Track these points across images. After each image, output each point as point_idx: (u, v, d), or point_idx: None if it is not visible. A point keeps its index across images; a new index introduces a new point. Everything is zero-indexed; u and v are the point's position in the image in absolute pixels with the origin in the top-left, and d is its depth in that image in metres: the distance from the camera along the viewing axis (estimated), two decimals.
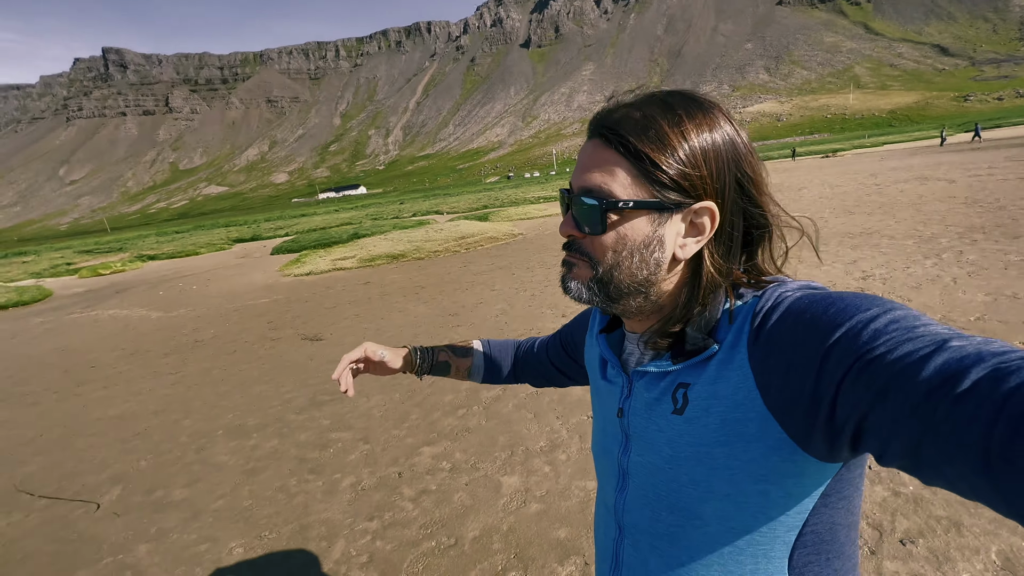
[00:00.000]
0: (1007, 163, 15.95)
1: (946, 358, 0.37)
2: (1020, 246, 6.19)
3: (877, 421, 0.40)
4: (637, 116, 0.54)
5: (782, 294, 0.53)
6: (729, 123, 0.56)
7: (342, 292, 9.39)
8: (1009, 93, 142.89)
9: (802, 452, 0.49)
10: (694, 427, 0.56)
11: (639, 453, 0.63)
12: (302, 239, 20.81)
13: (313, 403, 4.31)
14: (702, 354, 0.55)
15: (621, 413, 0.67)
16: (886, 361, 0.40)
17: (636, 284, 0.58)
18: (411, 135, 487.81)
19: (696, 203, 0.54)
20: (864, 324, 0.43)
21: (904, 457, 0.39)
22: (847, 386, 0.42)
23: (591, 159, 0.57)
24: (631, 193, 0.55)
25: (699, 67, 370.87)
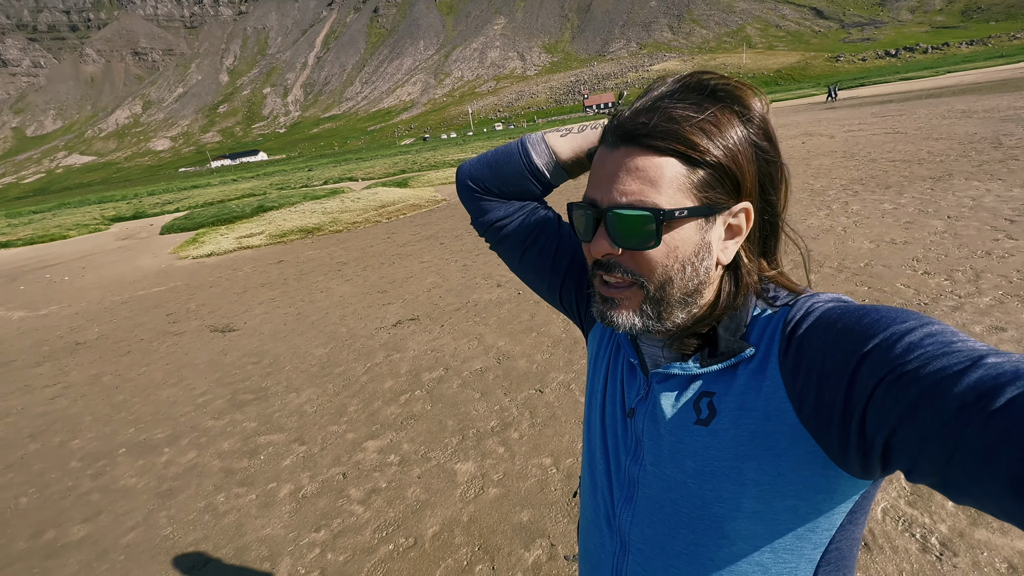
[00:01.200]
0: (873, 119, 18.00)
1: (981, 375, 0.36)
2: (891, 195, 7.02)
3: (907, 436, 0.39)
4: (669, 117, 0.50)
5: (814, 304, 0.52)
6: (759, 102, 0.53)
7: (252, 274, 8.53)
8: (871, 55, 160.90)
9: (835, 467, 0.47)
10: (721, 440, 0.53)
11: (654, 464, 0.59)
12: (197, 215, 18.56)
13: (233, 404, 3.89)
14: (735, 357, 0.53)
15: (632, 414, 0.62)
16: (919, 375, 0.39)
17: (686, 296, 0.55)
18: (313, 94, 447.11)
19: (736, 204, 0.52)
20: (899, 336, 0.42)
21: (933, 475, 0.39)
22: (878, 398, 0.41)
23: (624, 168, 0.52)
24: (678, 200, 0.51)
25: (608, 24, 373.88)
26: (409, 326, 4.98)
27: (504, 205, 0.79)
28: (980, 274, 4.08)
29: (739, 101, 0.52)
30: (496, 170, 0.77)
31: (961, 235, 5.03)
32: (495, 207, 0.79)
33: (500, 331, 4.50)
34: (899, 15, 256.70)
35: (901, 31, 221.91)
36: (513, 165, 0.75)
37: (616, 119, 0.54)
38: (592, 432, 0.71)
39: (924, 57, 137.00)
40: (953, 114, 15.67)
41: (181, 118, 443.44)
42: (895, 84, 46.07)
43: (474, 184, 0.78)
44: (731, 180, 0.51)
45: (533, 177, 0.75)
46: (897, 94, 31.22)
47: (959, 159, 8.72)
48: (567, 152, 0.74)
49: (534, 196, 0.79)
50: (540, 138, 0.75)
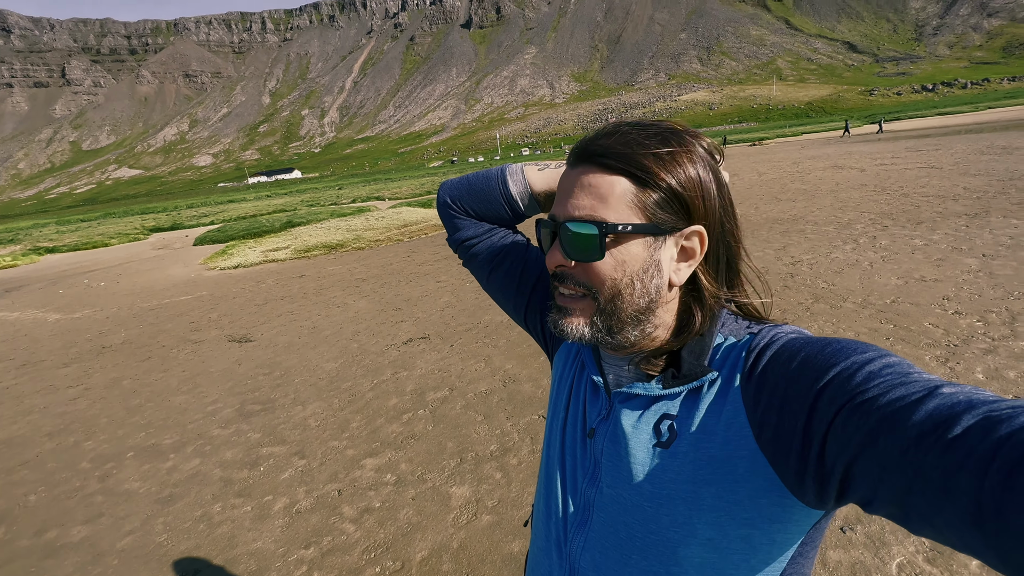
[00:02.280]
0: (907, 153, 17.59)
1: (937, 403, 0.37)
2: (923, 231, 6.78)
3: (866, 464, 0.39)
4: (626, 141, 0.53)
5: (778, 333, 0.53)
6: (710, 154, 0.55)
7: (274, 287, 8.75)
8: (906, 89, 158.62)
9: (791, 496, 0.47)
10: (680, 463, 0.52)
11: (611, 486, 0.58)
12: (229, 228, 19.28)
13: (241, 414, 3.94)
14: (698, 380, 0.53)
15: (592, 434, 0.61)
16: (877, 404, 0.40)
17: (637, 313, 0.56)
18: (348, 116, 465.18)
19: (688, 226, 0.54)
20: (859, 366, 0.43)
21: (892, 504, 0.39)
22: (838, 426, 0.41)
23: (578, 185, 0.55)
24: (626, 217, 0.53)
25: (637, 55, 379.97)
26: (419, 344, 4.99)
27: (476, 225, 0.81)
28: (1016, 316, 3.86)
29: (694, 138, 0.55)
30: (474, 192, 0.79)
31: (997, 275, 4.80)
32: (467, 226, 0.81)
33: (508, 354, 4.46)
34: (936, 50, 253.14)
35: (938, 66, 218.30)
36: (490, 190, 0.77)
37: (580, 142, 0.58)
38: (551, 455, 0.70)
39: (963, 92, 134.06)
40: (993, 150, 15.17)
41: (224, 136, 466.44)
42: (932, 119, 45.11)
43: (451, 202, 0.81)
44: (680, 203, 0.53)
45: (507, 204, 0.77)
46: (934, 128, 30.51)
47: (997, 196, 8.39)
48: (541, 185, 0.76)
49: (506, 223, 0.81)
50: (519, 169, 0.77)
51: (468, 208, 0.80)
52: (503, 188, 0.76)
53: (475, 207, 0.79)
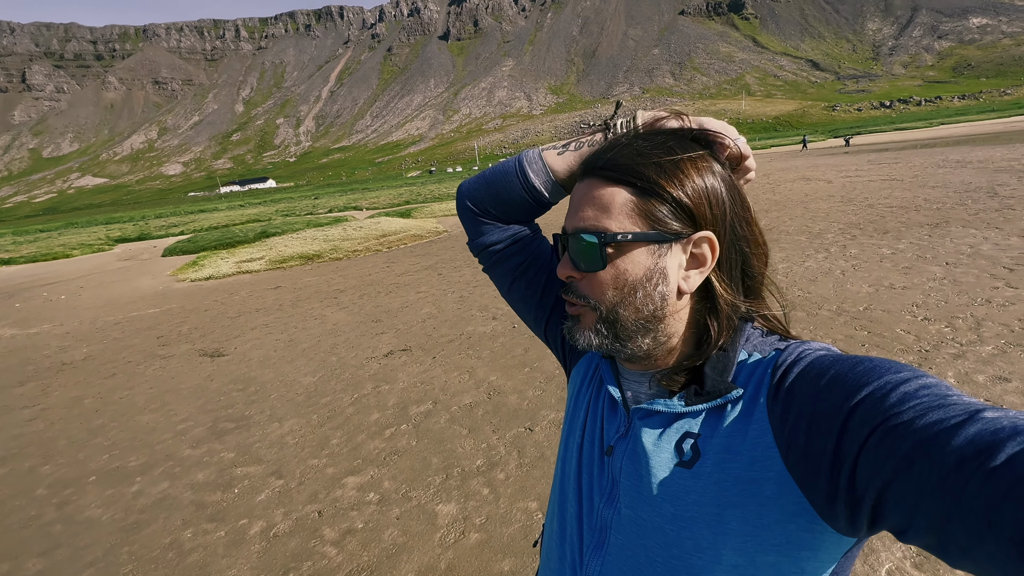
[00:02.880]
0: (870, 166, 18.37)
1: (979, 429, 0.35)
2: (889, 240, 7.05)
3: (901, 491, 0.38)
4: (628, 153, 0.54)
5: (805, 350, 0.51)
6: (718, 163, 0.55)
7: (248, 299, 8.49)
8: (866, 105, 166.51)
9: (821, 522, 0.45)
10: (704, 484, 0.50)
11: (630, 506, 0.55)
12: (200, 238, 18.71)
13: (214, 433, 3.76)
14: (722, 398, 0.51)
15: (611, 452, 0.59)
16: (914, 427, 0.38)
17: (643, 321, 0.55)
18: (325, 126, 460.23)
19: (695, 233, 0.53)
20: (893, 386, 0.41)
21: (929, 534, 0.37)
22: (870, 448, 0.40)
23: (584, 197, 0.56)
24: (628, 226, 0.53)
25: (612, 69, 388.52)
26: (401, 357, 4.89)
27: (500, 230, 0.76)
28: (981, 322, 4.01)
29: (711, 146, 0.55)
30: (495, 191, 0.73)
31: (960, 282, 5.00)
32: (491, 230, 0.76)
33: (492, 365, 4.40)
34: (892, 69, 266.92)
35: (895, 84, 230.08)
36: (511, 187, 0.72)
37: (587, 156, 0.59)
38: (567, 473, 0.67)
39: (918, 109, 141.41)
40: (948, 163, 15.98)
41: (195, 145, 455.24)
42: (890, 134, 47.32)
43: (473, 205, 0.76)
44: (684, 210, 0.52)
45: (532, 198, 0.72)
46: (893, 143, 32.00)
47: (955, 207, 8.81)
48: (564, 170, 0.70)
49: (533, 214, 0.77)
50: (537, 156, 0.71)
51: (490, 209, 0.74)
52: (524, 181, 0.71)
53: (498, 207, 0.74)
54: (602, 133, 0.67)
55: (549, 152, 0.71)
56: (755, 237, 0.56)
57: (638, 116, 0.65)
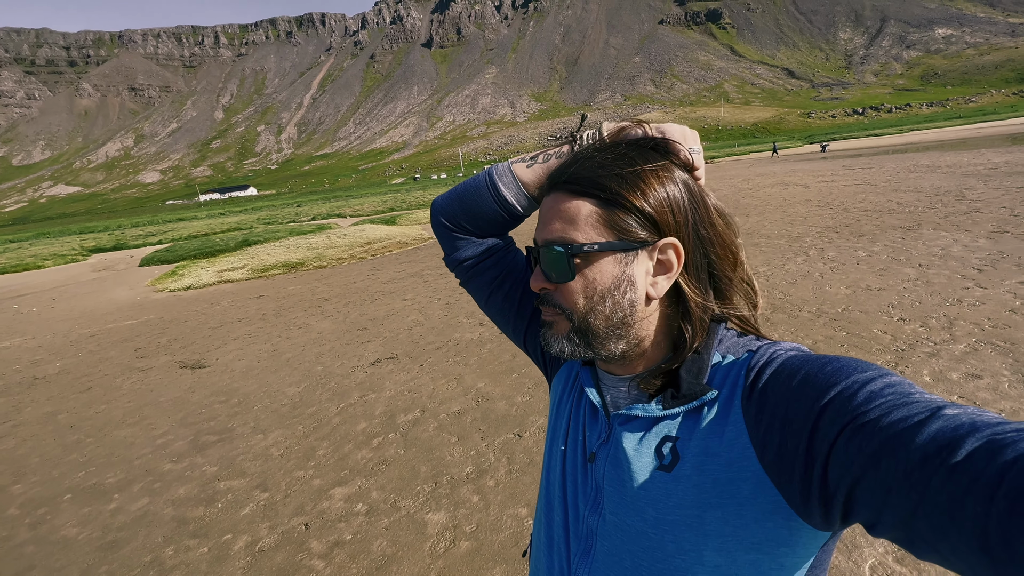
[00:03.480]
0: (844, 171, 18.88)
1: (940, 425, 0.37)
2: (865, 243, 7.25)
3: (869, 487, 0.39)
4: (590, 166, 0.55)
5: (776, 351, 0.52)
6: (680, 169, 0.56)
7: (230, 308, 8.33)
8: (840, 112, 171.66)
9: (797, 519, 0.46)
10: (684, 487, 0.51)
11: (614, 512, 0.56)
12: (180, 247, 18.33)
13: (195, 446, 3.67)
14: (698, 400, 0.52)
15: (593, 459, 0.60)
16: (880, 425, 0.39)
17: (613, 327, 0.56)
18: (307, 133, 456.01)
19: (660, 240, 0.54)
20: (860, 385, 0.43)
21: (897, 528, 0.38)
22: (840, 446, 0.41)
23: (552, 211, 0.58)
24: (594, 236, 0.55)
25: (594, 76, 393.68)
26: (387, 365, 4.84)
27: (475, 244, 0.77)
28: (954, 321, 4.15)
29: (663, 155, 0.56)
30: (467, 206, 0.74)
31: (933, 283, 5.16)
32: (466, 245, 0.77)
33: (480, 371, 4.39)
34: (864, 77, 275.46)
35: (866, 92, 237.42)
36: (483, 200, 0.73)
37: (554, 170, 0.60)
38: (551, 482, 0.68)
39: (888, 116, 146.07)
40: (919, 168, 16.52)
41: (173, 152, 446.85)
42: (863, 140, 48.74)
43: (447, 221, 0.76)
44: (647, 219, 0.54)
45: (504, 211, 0.73)
46: (866, 148, 32.97)
47: (926, 211, 9.10)
48: (534, 182, 0.71)
49: (507, 227, 0.78)
50: (507, 169, 0.72)
51: (464, 224, 0.75)
52: (496, 195, 0.72)
53: (471, 221, 0.75)
54: (569, 145, 0.68)
55: (519, 165, 0.72)
56: (720, 239, 0.57)
57: (603, 128, 0.66)
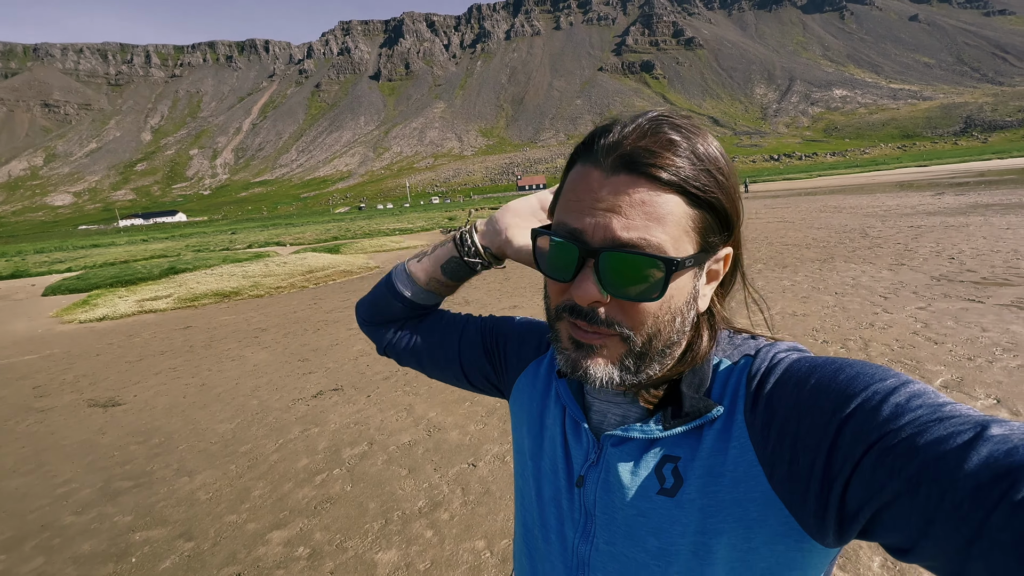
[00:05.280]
0: (766, 210, 20.69)
1: (991, 450, 0.33)
2: (788, 274, 7.90)
3: (903, 514, 0.35)
4: (676, 149, 0.44)
5: (777, 355, 0.48)
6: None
7: (152, 341, 7.62)
8: (759, 157, 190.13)
9: (809, 539, 0.43)
10: (687, 512, 0.46)
11: (609, 542, 0.51)
12: (93, 275, 16.68)
13: (105, 494, 3.25)
14: (702, 417, 0.47)
15: (582, 483, 0.54)
16: (915, 445, 0.35)
17: (667, 348, 0.49)
18: (245, 159, 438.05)
19: (722, 249, 0.49)
20: (883, 396, 0.38)
21: (938, 559, 0.34)
22: (866, 468, 0.37)
23: (623, 198, 0.44)
24: (684, 245, 0.45)
25: (539, 115, 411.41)
26: (331, 397, 4.59)
27: (391, 328, 0.81)
28: (868, 343, 4.57)
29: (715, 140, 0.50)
30: (379, 309, 0.79)
31: (848, 309, 5.69)
32: (384, 332, 0.82)
33: (431, 401, 4.26)
34: (777, 128, 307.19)
35: (780, 141, 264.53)
36: (390, 303, 0.77)
37: (610, 134, 0.46)
38: (527, 507, 0.62)
39: (799, 163, 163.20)
40: (828, 209, 18.42)
41: (90, 173, 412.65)
42: (779, 183, 53.80)
43: (366, 320, 0.82)
44: (726, 224, 0.47)
45: (406, 306, 0.77)
46: (782, 190, 36.38)
47: (837, 245, 10.11)
48: (423, 277, 0.74)
49: (416, 313, 0.80)
50: (403, 268, 0.76)
51: (380, 320, 0.81)
52: (395, 295, 0.76)
53: (384, 317, 0.80)
54: (452, 243, 0.71)
55: (411, 263, 0.76)
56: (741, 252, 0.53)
57: (478, 224, 0.70)
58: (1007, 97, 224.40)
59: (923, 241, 9.64)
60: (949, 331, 4.64)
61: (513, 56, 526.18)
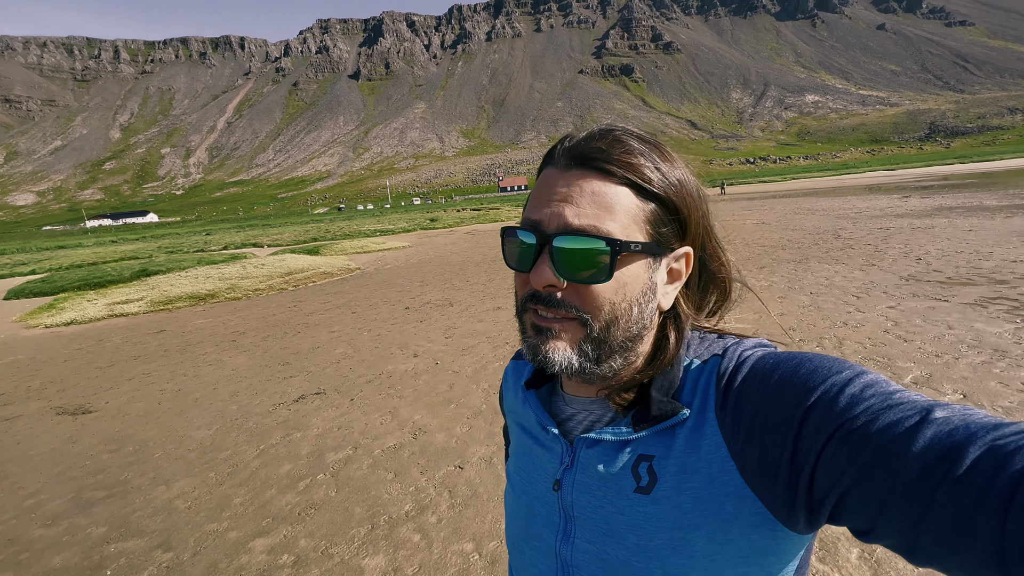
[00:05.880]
0: (743, 211, 21.16)
1: (934, 432, 0.35)
2: (765, 275, 8.09)
3: (862, 497, 0.38)
4: (627, 149, 0.49)
5: (743, 352, 0.50)
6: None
7: (123, 345, 7.37)
8: (735, 160, 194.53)
9: (782, 528, 0.45)
10: (664, 509, 0.48)
11: (589, 540, 0.52)
12: (59, 278, 16.05)
13: (77, 505, 3.13)
14: (670, 420, 0.49)
15: (558, 486, 0.55)
16: (869, 431, 0.38)
17: (628, 340, 0.51)
18: (220, 158, 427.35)
19: (681, 247, 0.51)
20: (839, 388, 0.41)
21: (894, 538, 0.37)
22: (827, 456, 0.39)
23: (577, 190, 0.48)
24: (632, 233, 0.48)
25: (520, 117, 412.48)
26: (313, 401, 4.51)
27: None
28: (843, 341, 4.71)
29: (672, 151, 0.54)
30: None
31: (823, 308, 5.86)
32: None
33: (416, 404, 4.23)
34: (753, 132, 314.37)
35: (756, 144, 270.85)
36: None
37: (567, 140, 0.52)
38: (510, 512, 0.64)
39: (774, 166, 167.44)
40: (802, 211, 18.93)
41: (54, 172, 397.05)
42: (755, 185, 55.08)
43: None
44: (678, 220, 0.50)
45: None
46: (758, 193, 37.26)
47: (812, 247, 10.40)
48: None
49: None
50: None
51: None
52: None
53: None
54: None
55: None
56: (718, 249, 0.55)
57: None
58: (968, 104, 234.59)
59: (892, 242, 9.99)
60: (918, 329, 4.82)
61: (494, 57, 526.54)
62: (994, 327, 4.69)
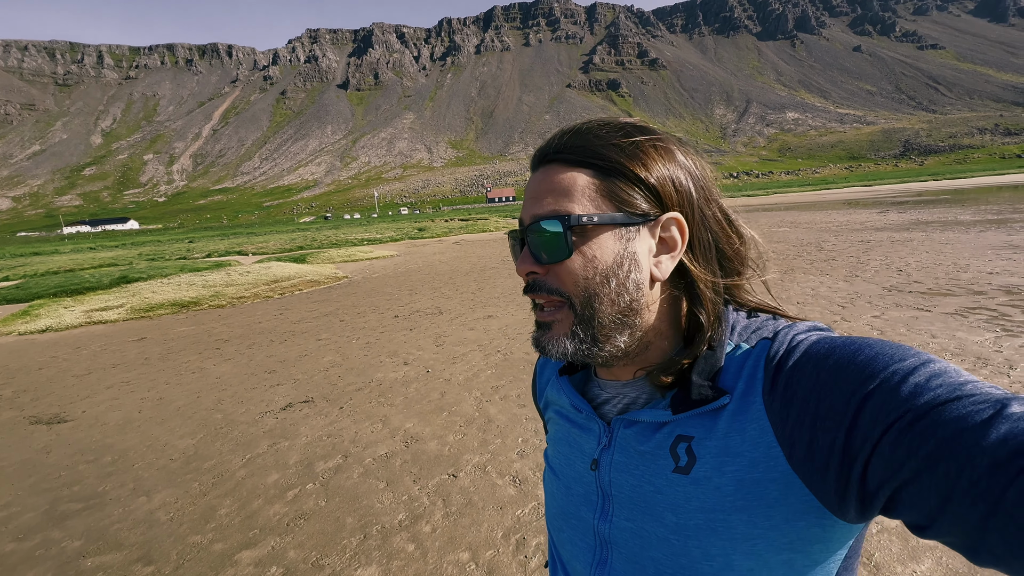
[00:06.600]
0: None
1: (1009, 428, 0.33)
2: (755, 285, 8.20)
3: (921, 492, 0.36)
4: (588, 135, 0.52)
5: (796, 336, 0.48)
6: (678, 142, 0.54)
7: (101, 353, 7.15)
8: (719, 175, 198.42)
9: (831, 516, 0.43)
10: (704, 490, 0.47)
11: (627, 518, 0.53)
12: (34, 284, 15.58)
13: (51, 518, 3.00)
14: (708, 406, 0.48)
15: (595, 465, 0.56)
16: (934, 423, 0.35)
17: (620, 313, 0.51)
18: (204, 165, 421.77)
19: (663, 215, 0.51)
20: (903, 376, 0.39)
21: (956, 536, 0.35)
22: (886, 446, 0.37)
23: (542, 185, 0.53)
24: (592, 209, 0.50)
25: (508, 129, 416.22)
26: (301, 409, 4.41)
27: None
28: None
29: (660, 133, 0.53)
30: None
31: (810, 318, 5.93)
32: None
33: (407, 412, 4.16)
34: (736, 147, 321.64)
35: (739, 159, 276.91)
36: None
37: (541, 146, 0.56)
38: (552, 491, 0.64)
39: (757, 180, 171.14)
40: (785, 224, 19.34)
41: (32, 177, 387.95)
42: (739, 199, 56.18)
43: None
44: (649, 191, 0.50)
45: None
46: (741, 206, 38.00)
47: (796, 258, 10.60)
48: None
49: None
50: None
51: None
52: None
53: None
54: None
55: None
56: (724, 214, 0.54)
57: None
58: (940, 124, 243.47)
59: (873, 255, 10.23)
60: (902, 338, 4.92)
61: (483, 70, 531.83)
62: (975, 336, 4.80)
